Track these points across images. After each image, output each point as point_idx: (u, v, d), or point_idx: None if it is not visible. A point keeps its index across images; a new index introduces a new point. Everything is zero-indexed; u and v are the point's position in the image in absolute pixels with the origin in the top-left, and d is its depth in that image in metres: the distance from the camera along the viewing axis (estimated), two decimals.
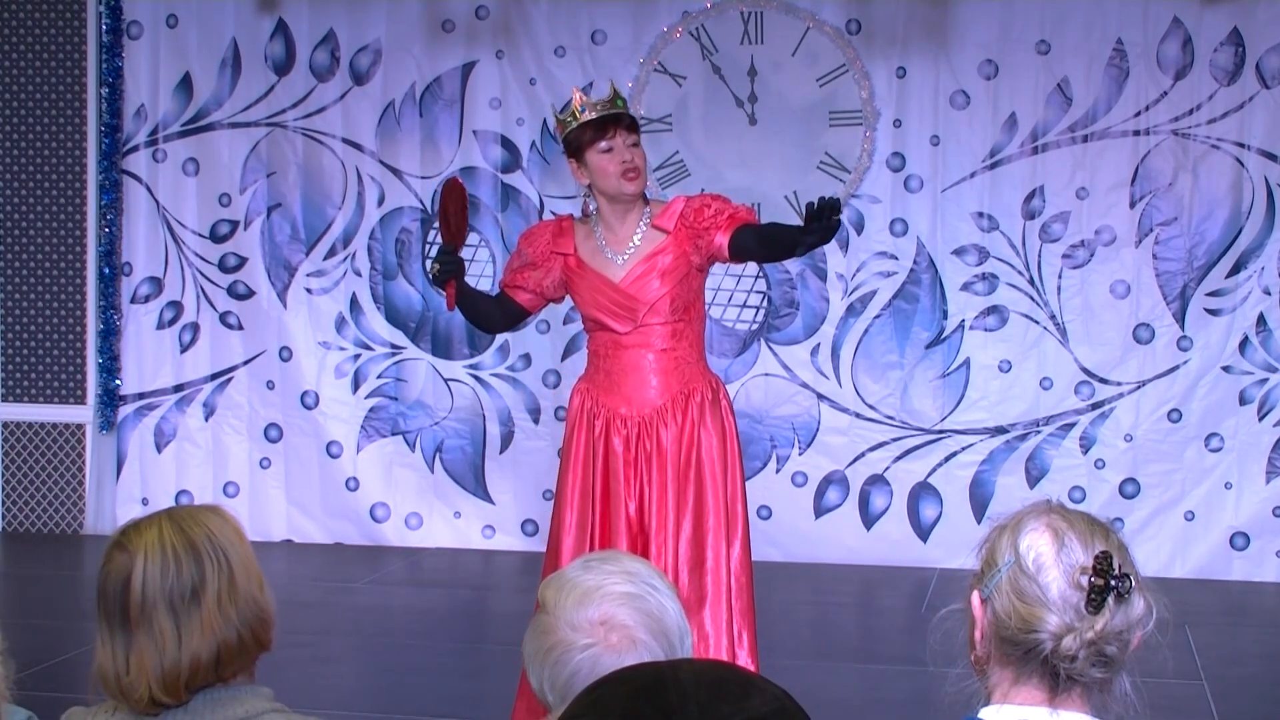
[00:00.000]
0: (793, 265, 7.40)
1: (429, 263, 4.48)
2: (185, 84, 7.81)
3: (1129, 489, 7.18)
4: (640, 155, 4.36)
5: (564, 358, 7.54)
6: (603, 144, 4.30)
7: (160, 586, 2.14)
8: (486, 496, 7.68)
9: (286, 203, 7.76)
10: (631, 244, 4.35)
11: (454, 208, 4.30)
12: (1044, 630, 1.89)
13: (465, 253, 7.58)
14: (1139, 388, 7.18)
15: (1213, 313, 7.11)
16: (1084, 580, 1.88)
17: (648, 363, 4.32)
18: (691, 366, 4.36)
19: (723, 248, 4.28)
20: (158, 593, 2.13)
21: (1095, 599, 1.87)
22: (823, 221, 4.02)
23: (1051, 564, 1.91)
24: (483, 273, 7.44)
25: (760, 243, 4.34)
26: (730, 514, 4.31)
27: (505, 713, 4.36)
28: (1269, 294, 7.07)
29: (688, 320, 4.36)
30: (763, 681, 1.31)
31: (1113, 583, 1.87)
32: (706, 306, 4.63)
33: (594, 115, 4.31)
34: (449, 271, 4.28)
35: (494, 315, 4.56)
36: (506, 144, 7.61)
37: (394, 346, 7.74)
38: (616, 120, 4.32)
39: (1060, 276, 7.21)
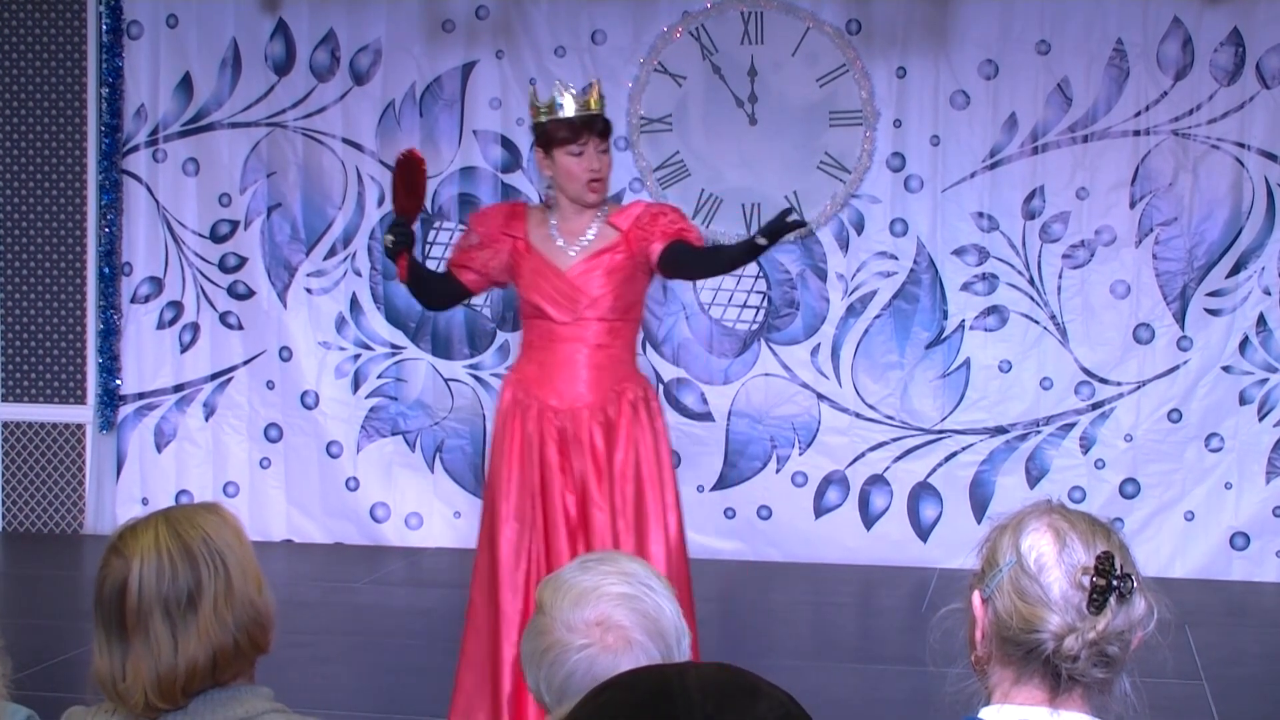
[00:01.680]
0: (793, 265, 7.41)
1: (381, 232, 4.49)
2: (185, 84, 7.81)
3: (1129, 489, 7.18)
4: (608, 164, 4.35)
5: None
6: (574, 147, 4.30)
7: (156, 592, 2.12)
8: None
9: (287, 203, 7.76)
10: (585, 237, 4.35)
11: (409, 180, 4.29)
12: (1045, 630, 1.89)
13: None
14: (1139, 388, 7.18)
15: (1213, 313, 7.11)
16: (1086, 580, 1.88)
17: (582, 357, 4.32)
18: (625, 365, 4.37)
19: (652, 256, 4.28)
20: (153, 599, 2.12)
21: (1097, 599, 1.87)
22: (779, 237, 4.00)
23: (1053, 564, 1.91)
24: None
25: (691, 258, 4.31)
26: (665, 515, 4.31)
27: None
28: (1269, 294, 7.07)
29: (626, 321, 4.37)
30: (769, 686, 1.31)
31: (1114, 583, 1.87)
32: (645, 310, 4.62)
33: (573, 114, 4.29)
34: (402, 243, 4.27)
35: (438, 292, 4.55)
36: (506, 144, 7.61)
37: (394, 346, 7.74)
38: (591, 125, 4.29)
39: (1060, 276, 7.21)
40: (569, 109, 4.31)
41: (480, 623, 4.34)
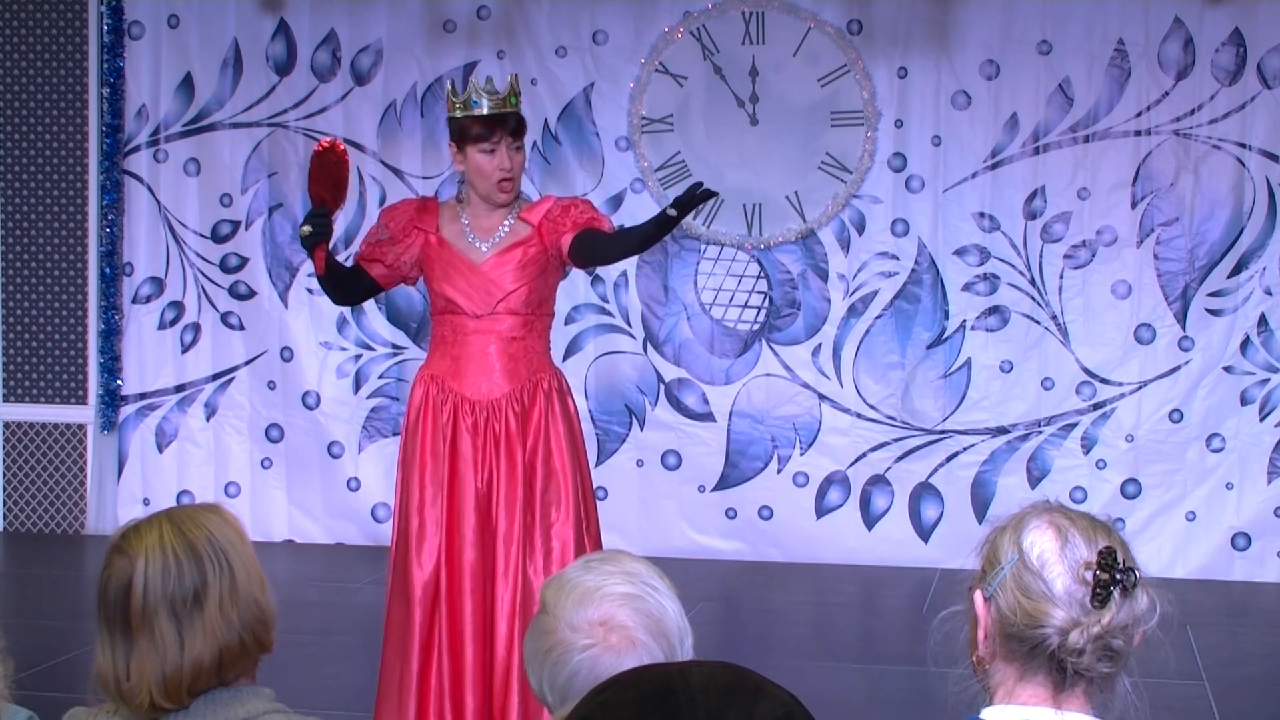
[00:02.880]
0: (794, 266, 7.41)
1: (300, 224, 4.40)
2: (187, 84, 7.82)
3: (1130, 489, 7.18)
4: (520, 162, 4.33)
5: (564, 358, 7.54)
6: (486, 145, 4.27)
7: (161, 591, 2.12)
8: None
9: (288, 203, 7.76)
10: (498, 233, 4.34)
11: (330, 173, 4.21)
12: (1050, 625, 1.90)
13: None
14: (1140, 388, 7.18)
15: (1214, 313, 7.11)
16: (1088, 575, 1.89)
17: (495, 349, 4.30)
18: (540, 357, 4.36)
19: (564, 248, 4.28)
20: (159, 598, 2.11)
21: (1100, 593, 1.88)
22: (690, 209, 4.01)
23: (1055, 560, 1.92)
24: None
25: (600, 242, 4.30)
26: (582, 506, 4.31)
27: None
28: (1270, 294, 7.07)
29: (539, 315, 4.36)
30: (772, 686, 1.31)
31: (1118, 576, 1.88)
32: (556, 305, 4.60)
33: (486, 110, 4.26)
34: (319, 235, 4.18)
35: (349, 287, 4.49)
36: None
37: (395, 347, 7.74)
38: (503, 122, 4.26)
39: (1061, 277, 7.21)
40: (484, 106, 4.29)
41: (391, 629, 4.33)
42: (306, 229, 4.18)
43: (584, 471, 4.37)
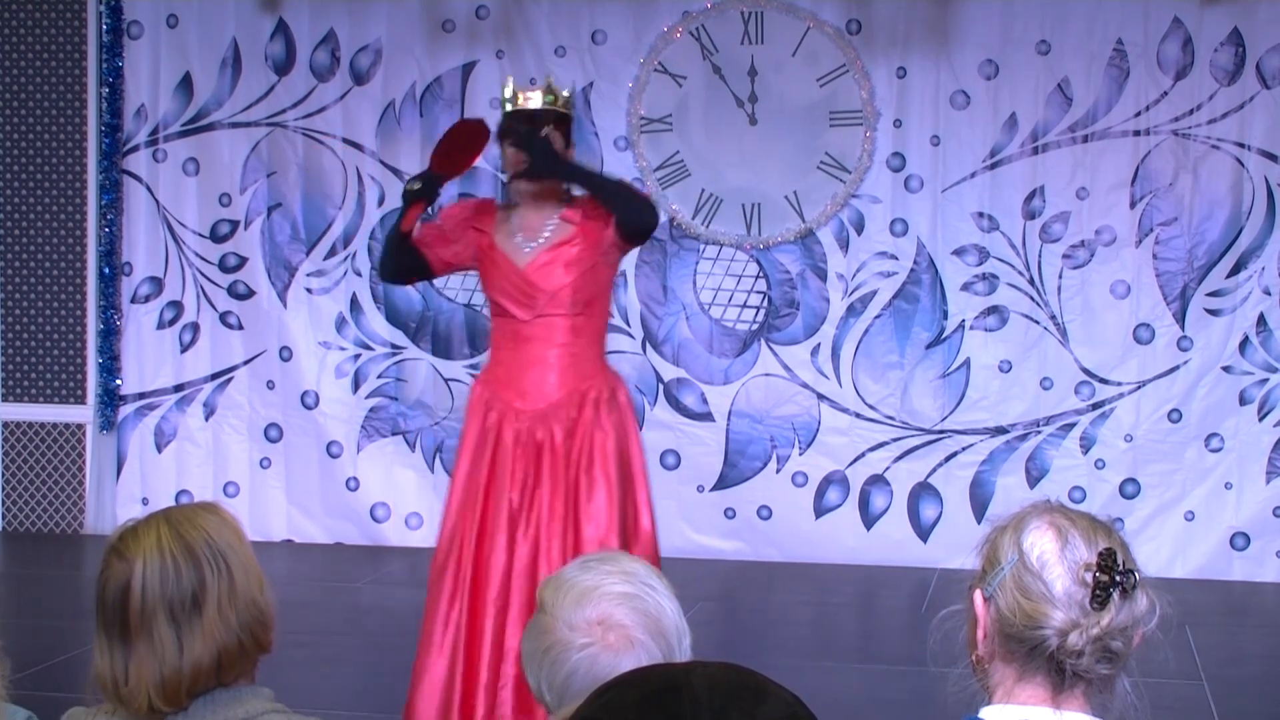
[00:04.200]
0: (793, 265, 7.41)
1: (409, 179, 4.49)
2: (186, 84, 7.81)
3: (1129, 489, 7.18)
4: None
5: None
6: (507, 140, 4.37)
7: (160, 594, 2.11)
8: None
9: (287, 203, 7.76)
10: (543, 233, 4.36)
11: (468, 145, 4.39)
12: (1049, 626, 1.90)
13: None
14: (1139, 388, 7.18)
15: (1213, 313, 7.11)
16: (1088, 576, 1.89)
17: (545, 358, 4.31)
18: (590, 364, 4.35)
19: (612, 231, 4.32)
20: (157, 600, 2.11)
21: (1100, 594, 1.88)
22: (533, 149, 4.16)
23: (1055, 561, 1.92)
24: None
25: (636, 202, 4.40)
26: (627, 518, 4.29)
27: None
28: (1269, 294, 7.07)
29: (588, 316, 4.35)
30: (775, 687, 1.31)
31: (1117, 578, 1.88)
32: (610, 305, 4.62)
33: (507, 109, 4.37)
34: (424, 194, 4.34)
35: (407, 264, 4.54)
36: None
37: (394, 346, 7.74)
38: (518, 117, 4.34)
39: (1060, 277, 7.21)
40: (508, 105, 4.39)
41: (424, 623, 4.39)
42: (416, 185, 4.33)
43: (632, 483, 4.33)
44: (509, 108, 4.39)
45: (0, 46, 7.91)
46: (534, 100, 4.37)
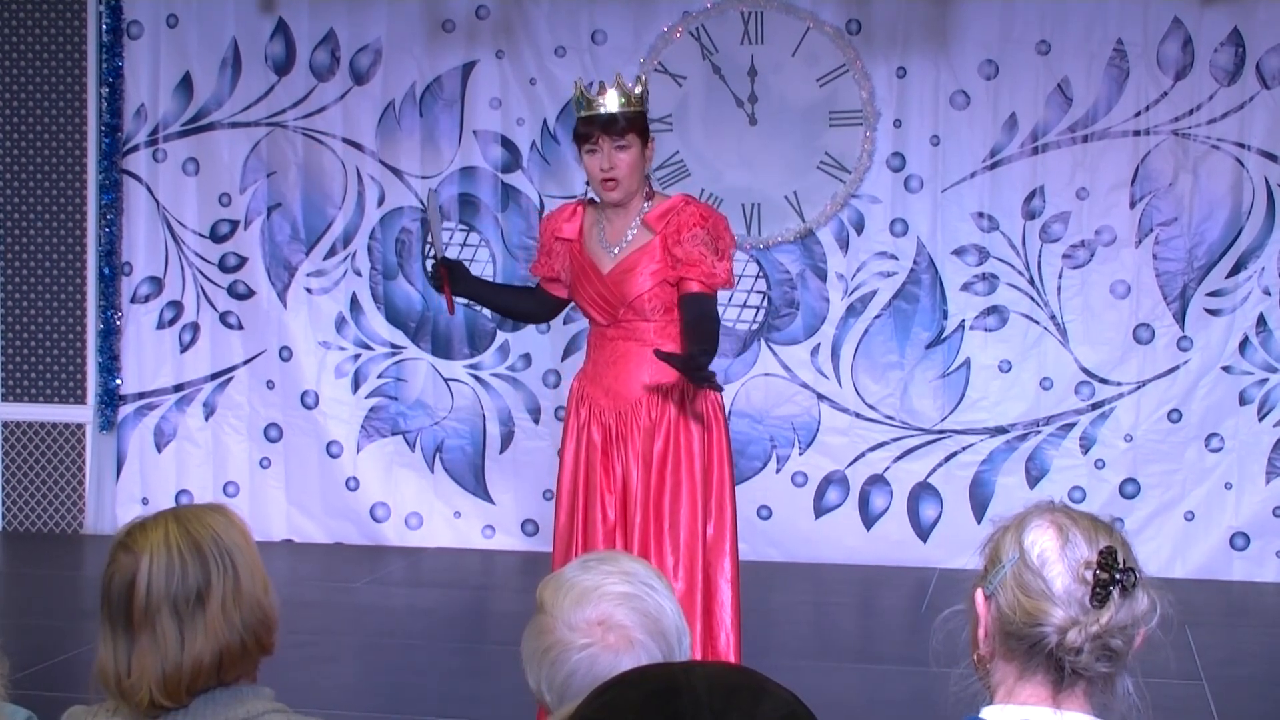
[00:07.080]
0: (793, 265, 7.42)
1: (428, 262, 4.56)
2: (185, 84, 7.81)
3: (1129, 489, 7.18)
4: (626, 162, 4.31)
5: (564, 357, 7.54)
6: (589, 145, 4.33)
7: (165, 589, 2.12)
8: (486, 496, 7.68)
9: (287, 202, 7.76)
10: (625, 238, 4.36)
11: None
12: (1049, 624, 1.90)
13: (465, 253, 7.60)
14: (1139, 388, 7.18)
15: (1213, 313, 7.11)
16: (1089, 574, 1.90)
17: (629, 357, 4.33)
18: None
19: (676, 296, 4.30)
20: (162, 595, 2.12)
21: (1100, 593, 1.88)
22: (695, 374, 4.04)
23: (1056, 559, 1.92)
24: (482, 272, 7.43)
25: (686, 324, 4.31)
26: (709, 517, 4.29)
27: (505, 712, 4.36)
28: (1269, 294, 7.07)
29: (672, 319, 4.35)
30: (775, 687, 1.31)
31: (1117, 576, 1.88)
32: None
33: (583, 112, 4.35)
34: (437, 284, 4.51)
35: (522, 308, 4.68)
36: (507, 144, 7.61)
37: (394, 346, 7.74)
38: (600, 122, 4.30)
39: (1060, 277, 7.21)
40: (584, 108, 4.33)
41: None
42: (435, 281, 4.55)
43: (721, 485, 4.32)
44: (582, 111, 4.34)
45: (0, 46, 7.91)
46: (609, 103, 4.33)
